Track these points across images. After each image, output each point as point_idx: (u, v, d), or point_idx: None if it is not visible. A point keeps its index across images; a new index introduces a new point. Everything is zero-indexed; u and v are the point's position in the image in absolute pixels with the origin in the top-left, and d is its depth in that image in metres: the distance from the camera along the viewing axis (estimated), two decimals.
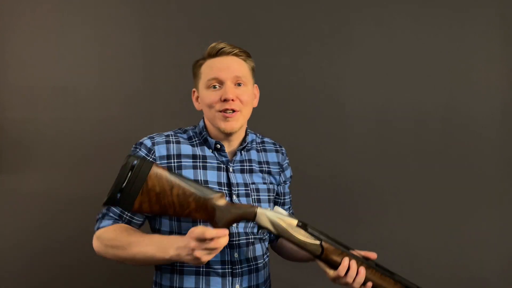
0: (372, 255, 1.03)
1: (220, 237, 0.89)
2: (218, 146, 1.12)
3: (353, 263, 0.97)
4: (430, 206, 1.74)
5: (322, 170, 1.75)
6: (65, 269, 1.73)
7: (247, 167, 1.16)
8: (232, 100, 1.06)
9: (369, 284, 0.98)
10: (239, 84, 1.10)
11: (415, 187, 1.74)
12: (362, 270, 0.97)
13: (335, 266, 0.98)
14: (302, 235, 0.97)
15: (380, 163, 1.75)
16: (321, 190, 1.76)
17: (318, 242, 0.97)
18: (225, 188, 1.10)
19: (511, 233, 1.73)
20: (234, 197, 1.09)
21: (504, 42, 1.72)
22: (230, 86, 1.08)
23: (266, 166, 1.20)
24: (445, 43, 1.73)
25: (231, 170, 1.12)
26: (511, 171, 1.73)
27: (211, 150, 1.13)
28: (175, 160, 1.10)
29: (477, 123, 1.73)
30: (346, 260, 0.97)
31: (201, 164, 1.10)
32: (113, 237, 1.04)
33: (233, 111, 1.07)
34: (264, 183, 1.17)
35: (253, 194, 1.13)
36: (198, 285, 1.05)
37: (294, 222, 0.98)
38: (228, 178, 1.11)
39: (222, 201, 0.96)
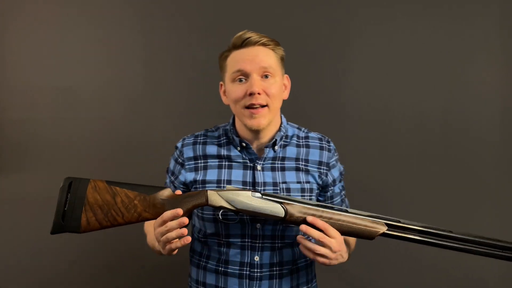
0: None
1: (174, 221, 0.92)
2: (244, 144, 1.08)
3: (316, 215, 0.96)
4: (429, 206, 1.73)
5: None
6: (64, 269, 1.73)
7: (279, 165, 1.09)
8: (258, 93, 1.01)
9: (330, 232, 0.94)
10: (266, 76, 1.03)
11: (415, 187, 1.74)
12: (324, 216, 0.96)
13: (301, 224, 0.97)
14: (260, 203, 0.96)
15: (380, 163, 1.75)
16: None
17: (278, 204, 0.96)
18: (250, 188, 1.05)
19: (511, 233, 1.73)
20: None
21: (505, 42, 1.72)
22: (256, 79, 1.02)
23: (303, 164, 1.10)
24: (445, 43, 1.73)
25: (259, 168, 1.07)
26: (511, 171, 1.73)
27: (238, 148, 1.09)
28: (202, 161, 1.10)
29: (477, 123, 1.73)
30: (309, 218, 0.95)
31: (226, 163, 1.08)
32: (147, 228, 1.19)
33: (260, 106, 1.02)
34: (298, 183, 1.08)
35: (282, 194, 1.05)
36: (218, 283, 1.07)
37: (248, 192, 0.97)
38: (254, 177, 1.06)
39: (169, 194, 0.97)
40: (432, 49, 1.73)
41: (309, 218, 0.95)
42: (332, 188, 1.15)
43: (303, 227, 0.95)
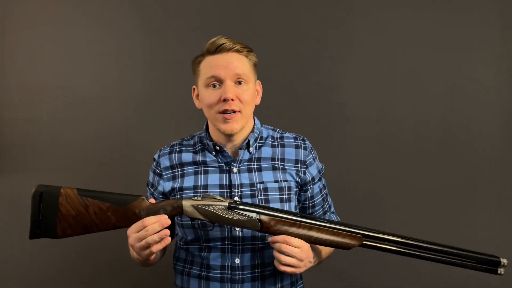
0: None
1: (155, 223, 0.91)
2: (217, 148, 1.09)
3: (288, 231, 0.97)
4: (429, 207, 1.73)
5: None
6: (64, 269, 1.72)
7: (255, 166, 1.10)
8: (232, 100, 1.02)
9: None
10: (239, 82, 1.05)
11: (415, 187, 1.74)
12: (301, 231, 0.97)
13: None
14: (235, 217, 0.96)
15: (380, 163, 1.75)
16: None
17: (254, 217, 0.97)
18: (227, 190, 1.07)
19: (511, 234, 1.73)
20: (237, 199, 1.06)
21: (505, 44, 1.71)
22: (230, 85, 1.03)
23: (280, 163, 1.12)
24: (446, 44, 1.73)
25: (235, 170, 1.08)
26: (511, 172, 1.73)
27: (213, 153, 1.11)
28: (179, 169, 1.11)
29: (478, 123, 1.73)
30: (269, 239, 0.98)
31: (202, 169, 1.10)
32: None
33: (233, 111, 1.04)
34: (276, 181, 1.09)
35: (259, 194, 1.07)
36: None
37: (225, 203, 0.97)
38: (230, 179, 1.08)
39: (143, 204, 0.97)
40: (432, 50, 1.73)
41: (269, 239, 0.98)
42: (311, 186, 1.16)
43: (269, 239, 0.98)
